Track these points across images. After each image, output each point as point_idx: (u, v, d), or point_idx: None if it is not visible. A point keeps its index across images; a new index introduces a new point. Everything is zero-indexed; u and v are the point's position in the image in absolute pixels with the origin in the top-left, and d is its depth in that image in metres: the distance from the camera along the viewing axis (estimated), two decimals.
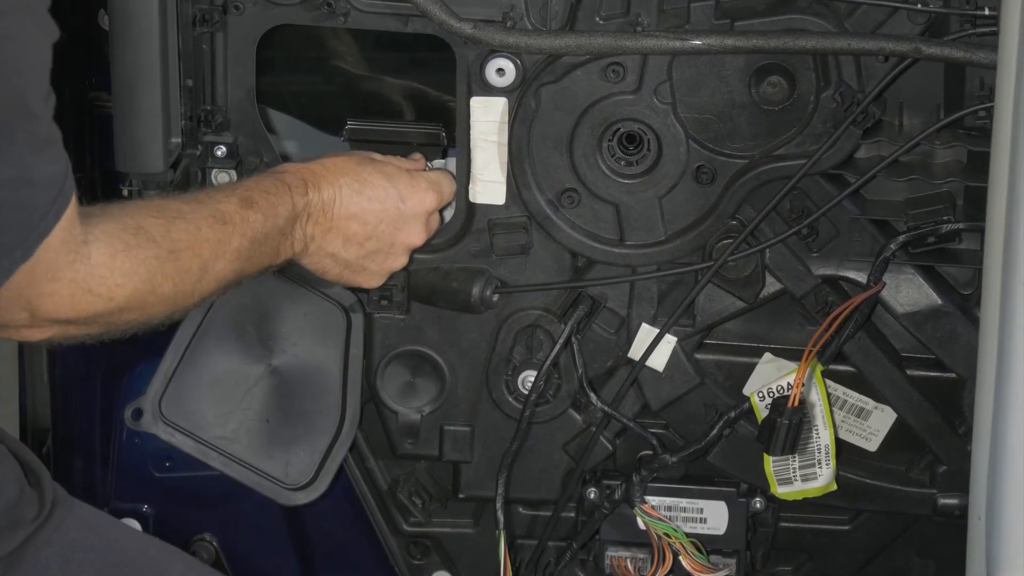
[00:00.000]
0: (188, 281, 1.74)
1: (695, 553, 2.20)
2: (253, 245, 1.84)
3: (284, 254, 1.93)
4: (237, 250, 1.81)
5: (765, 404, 2.15)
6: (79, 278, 1.58)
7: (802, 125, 2.07)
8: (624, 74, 2.08)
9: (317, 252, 1.98)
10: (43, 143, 1.47)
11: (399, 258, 2.05)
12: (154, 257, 1.68)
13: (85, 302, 1.59)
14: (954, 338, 2.14)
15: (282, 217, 1.89)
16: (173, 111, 2.03)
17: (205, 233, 1.76)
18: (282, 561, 2.42)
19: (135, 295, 1.65)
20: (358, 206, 1.97)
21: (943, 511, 2.21)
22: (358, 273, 2.03)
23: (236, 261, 1.82)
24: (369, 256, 2.02)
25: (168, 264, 1.70)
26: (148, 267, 1.66)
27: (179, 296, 1.73)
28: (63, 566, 1.70)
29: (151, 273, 1.67)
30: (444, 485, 2.31)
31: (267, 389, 2.20)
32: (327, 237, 1.97)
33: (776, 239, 2.11)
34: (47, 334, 1.63)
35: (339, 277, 2.03)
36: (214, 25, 2.09)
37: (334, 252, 1.99)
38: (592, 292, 2.19)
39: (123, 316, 1.67)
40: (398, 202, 2.01)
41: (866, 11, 2.03)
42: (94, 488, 2.41)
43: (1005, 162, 1.62)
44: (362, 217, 1.98)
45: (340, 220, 1.97)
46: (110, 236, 1.63)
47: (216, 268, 1.78)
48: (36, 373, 2.47)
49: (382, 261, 2.04)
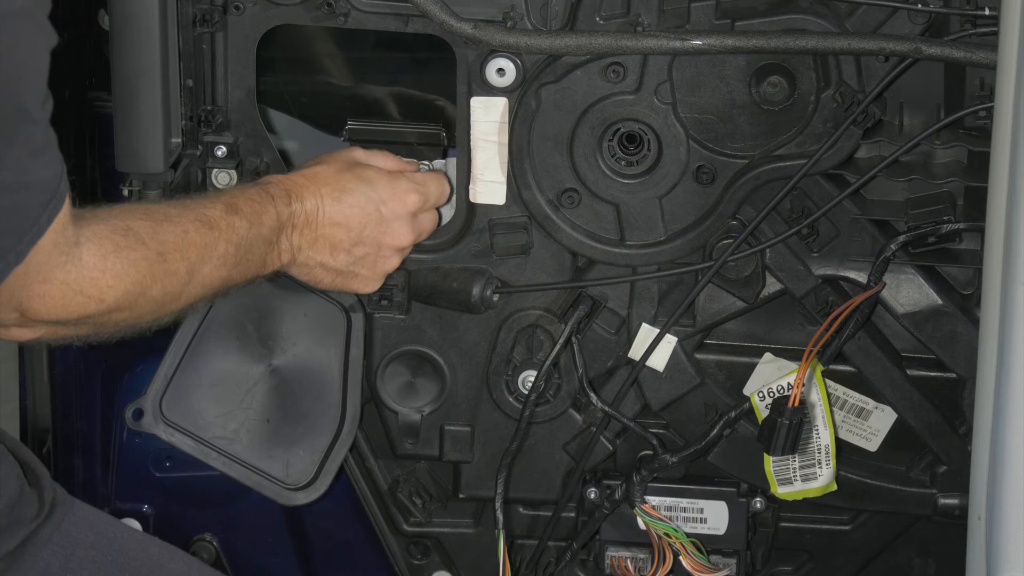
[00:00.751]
0: (176, 284, 1.74)
1: (695, 553, 2.20)
2: (239, 251, 1.85)
3: (271, 264, 1.94)
4: (223, 255, 1.82)
5: (765, 404, 2.15)
6: (70, 279, 1.59)
7: (802, 125, 2.07)
8: (624, 74, 2.08)
9: (306, 262, 1.99)
10: (40, 148, 1.47)
11: (390, 260, 2.06)
12: (143, 259, 1.68)
13: (76, 303, 1.60)
14: (954, 338, 2.14)
15: (266, 225, 1.90)
16: (173, 111, 2.03)
17: (192, 236, 1.77)
18: (282, 561, 2.42)
19: (125, 296, 1.66)
20: (340, 214, 1.98)
21: (943, 511, 2.21)
22: (351, 279, 2.04)
23: (223, 267, 1.82)
24: (359, 262, 2.02)
25: (157, 266, 1.70)
26: (138, 269, 1.67)
27: (167, 299, 1.74)
28: (63, 564, 1.71)
29: (141, 275, 1.68)
30: (444, 485, 2.31)
31: (267, 389, 2.20)
32: (314, 247, 1.98)
33: (776, 239, 2.11)
34: (37, 334, 1.64)
35: (333, 285, 2.04)
36: (214, 25, 2.09)
37: (323, 261, 2.00)
38: (592, 292, 2.19)
39: (112, 317, 1.68)
40: (379, 205, 2.01)
41: (866, 11, 2.03)
42: (94, 488, 2.41)
43: (1005, 162, 1.61)
44: (346, 224, 1.99)
45: (325, 229, 1.98)
46: (100, 238, 1.63)
47: (203, 272, 1.79)
48: (36, 373, 2.47)
49: (372, 264, 2.04)
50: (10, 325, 1.61)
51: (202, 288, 1.80)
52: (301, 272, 2.01)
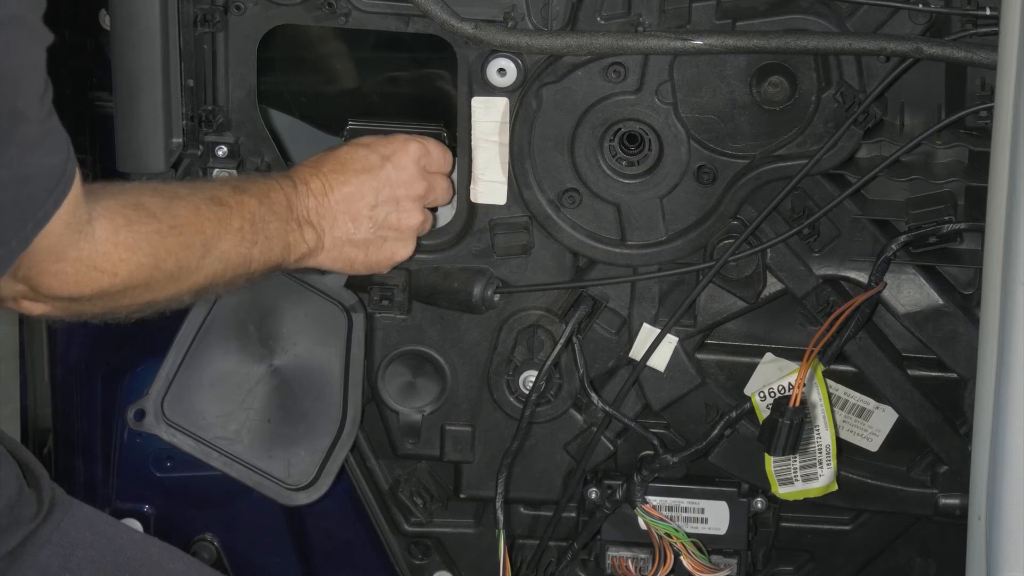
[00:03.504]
0: (192, 257, 1.75)
1: (696, 553, 2.20)
2: (255, 228, 1.85)
3: (297, 248, 1.93)
4: (239, 230, 1.82)
5: (766, 404, 2.15)
6: (84, 256, 1.60)
7: (803, 125, 2.07)
8: (625, 74, 2.08)
9: (334, 245, 1.98)
10: (38, 140, 1.48)
11: (413, 214, 2.03)
12: (156, 232, 1.69)
13: (90, 279, 1.61)
14: (955, 338, 2.14)
15: (277, 203, 1.90)
16: (174, 111, 2.03)
17: (205, 213, 1.78)
18: (283, 561, 2.42)
19: (139, 270, 1.66)
20: (349, 183, 1.98)
21: (944, 511, 2.21)
22: (383, 248, 2.02)
23: (241, 243, 1.83)
24: (384, 226, 2.01)
25: (170, 239, 1.71)
26: (151, 241, 1.68)
27: (183, 273, 1.74)
28: (62, 564, 1.71)
29: (154, 247, 1.68)
30: (445, 485, 2.31)
31: (269, 389, 2.20)
32: (336, 224, 1.97)
33: (777, 239, 2.11)
34: (47, 309, 1.65)
35: (367, 263, 2.02)
36: (215, 25, 2.09)
37: (350, 237, 1.98)
38: (593, 292, 2.19)
39: (128, 294, 1.68)
40: (383, 162, 2.00)
41: (867, 11, 2.03)
42: (95, 488, 2.41)
43: (1005, 162, 1.62)
44: (357, 192, 1.98)
45: (339, 203, 1.97)
46: (112, 212, 1.64)
47: (220, 247, 1.79)
48: (37, 373, 2.47)
49: (397, 223, 2.02)
50: (21, 298, 1.62)
51: (221, 264, 1.80)
52: (332, 259, 1.99)
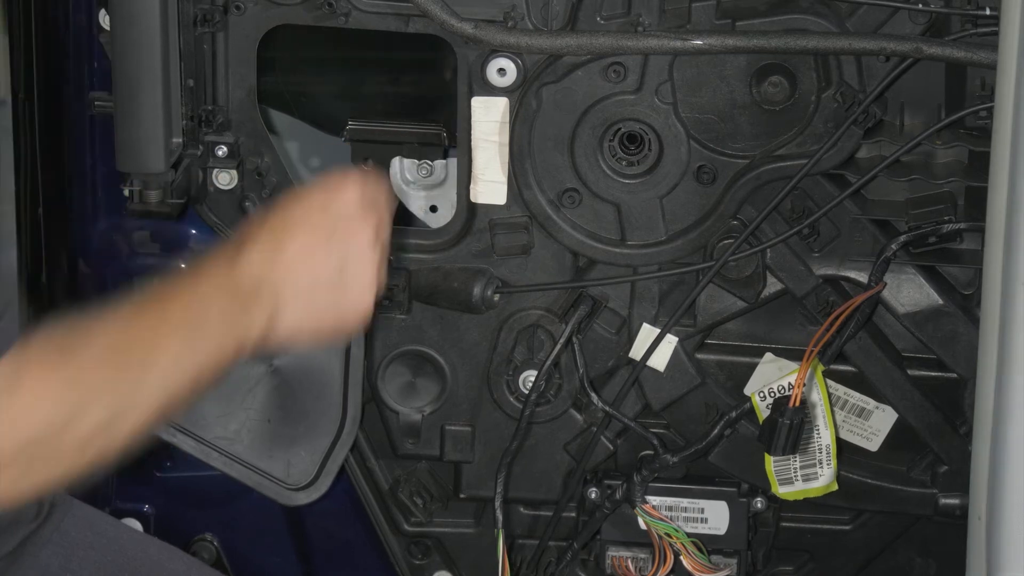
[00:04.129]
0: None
1: (696, 553, 2.20)
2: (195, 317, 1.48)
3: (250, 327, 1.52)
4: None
5: (766, 404, 2.15)
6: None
7: (803, 125, 2.07)
8: (625, 74, 2.08)
9: (293, 312, 1.55)
10: None
11: (371, 249, 1.59)
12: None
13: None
14: (955, 338, 2.14)
15: (210, 278, 1.52)
16: (174, 111, 2.03)
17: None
18: (283, 561, 2.42)
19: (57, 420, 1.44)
20: (291, 246, 1.56)
21: (944, 511, 2.21)
22: (349, 291, 1.59)
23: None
24: (344, 267, 1.58)
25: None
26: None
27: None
28: (63, 564, 1.71)
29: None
30: (445, 485, 2.31)
31: (268, 389, 2.20)
32: (285, 286, 1.54)
33: (777, 239, 2.11)
34: None
35: (338, 320, 1.60)
36: (215, 25, 2.09)
37: (308, 296, 1.56)
38: (593, 292, 2.19)
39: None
40: (320, 210, 1.58)
41: (867, 11, 2.03)
42: (95, 488, 2.40)
43: (1005, 162, 1.61)
44: (300, 236, 1.56)
45: (284, 262, 1.55)
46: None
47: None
48: None
49: (358, 260, 1.59)
50: None
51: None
52: (293, 326, 1.56)
